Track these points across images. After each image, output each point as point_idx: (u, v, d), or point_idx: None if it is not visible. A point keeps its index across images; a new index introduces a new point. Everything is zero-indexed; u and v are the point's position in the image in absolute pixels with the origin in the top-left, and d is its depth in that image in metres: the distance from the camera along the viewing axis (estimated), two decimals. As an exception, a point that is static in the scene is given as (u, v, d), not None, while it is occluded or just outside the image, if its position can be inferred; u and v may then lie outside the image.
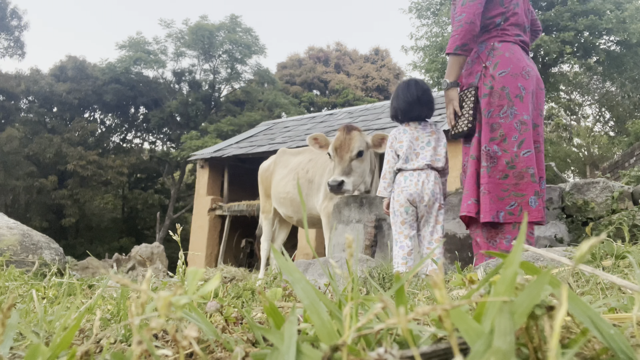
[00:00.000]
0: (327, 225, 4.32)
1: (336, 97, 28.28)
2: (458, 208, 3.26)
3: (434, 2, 16.43)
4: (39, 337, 0.72)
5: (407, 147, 2.74)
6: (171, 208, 21.51)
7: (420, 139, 2.76)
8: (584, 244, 0.43)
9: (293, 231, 7.37)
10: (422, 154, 2.74)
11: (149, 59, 22.53)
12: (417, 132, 2.77)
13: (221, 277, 1.33)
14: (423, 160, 2.72)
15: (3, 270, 1.90)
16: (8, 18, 22.13)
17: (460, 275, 0.99)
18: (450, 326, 0.39)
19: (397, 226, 2.73)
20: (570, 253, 1.52)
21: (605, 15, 13.44)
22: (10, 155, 19.75)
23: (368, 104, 15.81)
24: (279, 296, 0.94)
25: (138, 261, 8.45)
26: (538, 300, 0.40)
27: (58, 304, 1.14)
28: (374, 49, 31.82)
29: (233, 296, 1.16)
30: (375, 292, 1.37)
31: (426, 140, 2.76)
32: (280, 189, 5.10)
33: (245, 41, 23.02)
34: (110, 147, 24.58)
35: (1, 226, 3.04)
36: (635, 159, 7.50)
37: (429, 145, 2.75)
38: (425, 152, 2.74)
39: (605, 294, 0.94)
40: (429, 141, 2.76)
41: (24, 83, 21.99)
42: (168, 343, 0.70)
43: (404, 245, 2.67)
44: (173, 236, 1.41)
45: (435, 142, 2.77)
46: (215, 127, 20.68)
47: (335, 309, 0.52)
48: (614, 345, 0.41)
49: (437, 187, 2.72)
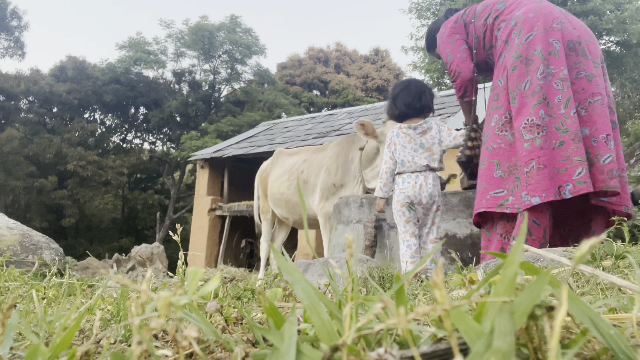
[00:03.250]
0: (324, 225, 4.32)
1: (336, 98, 28.27)
2: (458, 208, 3.26)
3: (434, 3, 16.45)
4: (39, 337, 0.72)
5: (400, 150, 2.77)
6: (171, 208, 21.50)
7: (414, 142, 2.76)
8: (584, 244, 0.43)
9: (293, 231, 7.37)
10: (417, 156, 2.75)
11: (149, 59, 22.53)
12: (409, 136, 2.77)
13: (221, 277, 1.33)
14: (420, 162, 2.74)
15: (3, 271, 1.90)
16: (8, 18, 22.13)
17: (460, 276, 0.99)
18: (450, 326, 0.39)
19: (402, 225, 2.74)
20: (570, 253, 1.51)
21: (605, 16, 13.45)
22: (10, 156, 19.74)
23: (368, 104, 15.82)
24: (279, 296, 0.94)
25: (138, 261, 8.45)
26: (538, 301, 0.40)
27: (58, 304, 1.14)
28: (374, 49, 31.81)
29: (233, 296, 1.16)
30: (375, 292, 1.37)
31: (419, 142, 2.76)
32: (275, 190, 5.10)
33: (245, 41, 23.02)
34: (110, 147, 24.57)
35: (1, 226, 3.04)
36: (635, 159, 7.50)
37: (422, 148, 2.75)
38: (420, 155, 2.74)
39: (605, 294, 0.94)
40: (421, 143, 2.76)
41: (24, 83, 21.99)
42: (168, 343, 0.70)
43: (410, 244, 2.70)
44: (173, 236, 1.41)
45: (429, 141, 2.75)
46: (215, 128, 20.68)
47: (335, 309, 0.52)
48: (614, 346, 0.41)
49: (435, 189, 2.73)
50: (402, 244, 2.73)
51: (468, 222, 3.22)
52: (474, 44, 2.67)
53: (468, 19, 2.71)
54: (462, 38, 2.69)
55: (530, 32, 2.33)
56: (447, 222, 3.25)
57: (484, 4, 2.73)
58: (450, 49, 2.68)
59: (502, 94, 2.39)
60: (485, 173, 2.37)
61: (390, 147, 2.82)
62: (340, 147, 4.49)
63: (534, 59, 2.27)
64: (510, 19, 2.47)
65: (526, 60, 2.29)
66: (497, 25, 2.56)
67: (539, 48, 2.28)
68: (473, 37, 2.67)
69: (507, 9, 2.54)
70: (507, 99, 2.36)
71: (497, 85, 2.44)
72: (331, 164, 4.43)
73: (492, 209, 2.30)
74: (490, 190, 2.32)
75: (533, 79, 2.24)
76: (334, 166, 4.38)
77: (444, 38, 2.74)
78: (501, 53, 2.49)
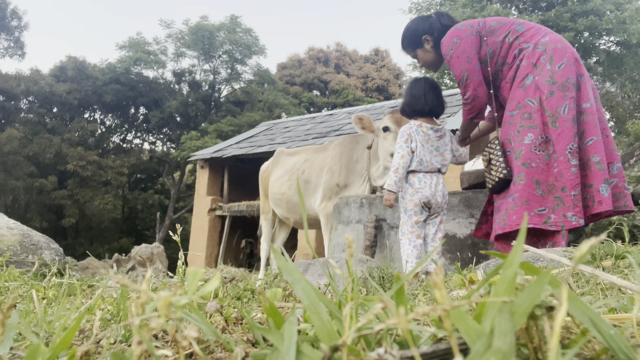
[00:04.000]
0: (325, 225, 4.31)
1: (336, 98, 28.27)
2: (458, 208, 3.26)
3: (434, 3, 16.46)
4: (39, 337, 0.72)
5: (420, 149, 2.75)
6: (171, 208, 21.51)
7: (431, 143, 2.78)
8: (584, 244, 0.43)
9: (293, 231, 7.37)
10: (433, 158, 2.77)
11: (149, 60, 22.54)
12: (428, 136, 2.78)
13: (221, 277, 1.34)
14: (435, 164, 2.78)
15: (3, 271, 1.90)
16: (8, 18, 22.13)
17: (460, 276, 0.99)
18: (450, 326, 0.39)
19: (410, 225, 2.74)
20: (570, 253, 1.51)
21: (605, 16, 13.46)
22: (10, 156, 19.75)
23: (368, 104, 15.83)
24: (279, 296, 0.94)
25: (138, 261, 8.45)
26: (538, 301, 0.40)
27: (58, 304, 1.14)
28: (374, 50, 31.81)
29: (233, 296, 1.16)
30: (375, 292, 1.37)
31: (435, 144, 2.79)
32: (275, 190, 5.09)
33: (245, 41, 23.02)
34: (110, 147, 24.57)
35: (1, 226, 3.04)
36: (635, 159, 7.51)
37: (437, 151, 2.79)
38: (435, 157, 2.78)
39: (605, 294, 0.94)
40: (437, 146, 2.79)
41: (24, 83, 22.00)
42: (168, 343, 0.70)
43: (417, 244, 2.71)
44: (173, 236, 1.41)
45: (443, 146, 2.81)
46: (215, 128, 20.68)
47: (335, 309, 0.52)
48: (614, 346, 0.41)
49: (445, 189, 2.82)
50: (407, 244, 2.72)
51: (468, 222, 3.22)
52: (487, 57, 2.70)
53: (483, 32, 2.71)
54: (476, 54, 2.69)
55: (562, 61, 2.50)
56: (447, 222, 3.25)
57: (499, 20, 2.76)
58: (468, 68, 2.66)
59: (535, 115, 2.50)
60: (526, 189, 2.47)
61: (408, 142, 2.77)
62: (343, 147, 4.49)
63: (568, 86, 2.46)
64: (537, 43, 2.58)
65: (562, 87, 2.46)
66: (517, 46, 2.63)
67: (572, 78, 2.47)
68: (487, 51, 2.69)
69: (528, 32, 2.64)
70: (542, 121, 2.49)
71: (529, 105, 2.53)
72: (334, 164, 4.42)
73: (539, 225, 2.42)
74: (534, 207, 2.44)
75: (571, 105, 2.44)
76: (337, 166, 4.38)
77: (458, 52, 2.69)
78: (527, 74, 2.56)
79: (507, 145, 2.60)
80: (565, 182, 2.39)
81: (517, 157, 2.53)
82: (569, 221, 2.36)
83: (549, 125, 2.46)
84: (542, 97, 2.48)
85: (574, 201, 2.37)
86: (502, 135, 2.65)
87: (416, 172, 2.77)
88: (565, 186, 2.39)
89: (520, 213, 2.46)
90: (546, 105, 2.46)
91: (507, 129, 2.60)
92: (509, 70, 2.66)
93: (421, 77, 2.98)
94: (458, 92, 10.11)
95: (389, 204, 2.78)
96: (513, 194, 2.50)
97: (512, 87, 2.64)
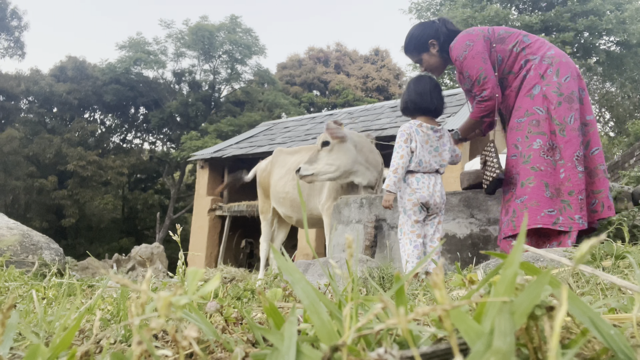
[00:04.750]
0: (329, 225, 4.31)
1: (336, 98, 28.27)
2: (458, 208, 3.26)
3: (434, 3, 16.47)
4: (39, 337, 0.72)
5: (419, 149, 2.74)
6: (171, 208, 21.51)
7: (430, 143, 2.77)
8: (584, 244, 0.43)
9: (293, 231, 7.37)
10: (432, 159, 2.77)
11: (149, 60, 22.54)
12: (428, 136, 2.77)
13: (221, 277, 1.34)
14: (433, 164, 2.77)
15: (3, 271, 1.90)
16: (8, 18, 22.14)
17: (460, 276, 0.99)
18: (450, 326, 0.39)
19: (410, 225, 2.73)
20: (570, 253, 1.51)
21: (605, 16, 13.46)
22: (10, 156, 19.75)
23: (368, 104, 15.81)
24: (279, 296, 0.94)
25: (138, 261, 8.45)
26: (538, 301, 0.40)
27: (58, 304, 1.14)
28: (374, 50, 31.81)
29: (233, 296, 1.16)
30: (375, 292, 1.37)
31: (435, 145, 2.78)
32: (279, 189, 5.08)
33: (245, 42, 23.02)
34: (110, 147, 24.57)
35: (1, 226, 3.04)
36: (635, 159, 7.51)
37: (436, 151, 2.78)
38: (434, 157, 2.78)
39: (605, 294, 0.94)
40: (437, 147, 2.79)
41: (24, 83, 22.00)
42: (168, 343, 0.70)
43: (417, 244, 2.70)
44: (173, 236, 1.41)
45: (442, 147, 2.81)
46: (215, 128, 20.69)
47: (335, 309, 0.52)
48: (614, 346, 0.41)
49: (443, 190, 2.82)
50: (408, 243, 2.71)
51: (468, 222, 3.22)
52: (496, 64, 2.79)
53: (492, 39, 2.81)
54: (488, 57, 2.77)
55: (567, 75, 2.66)
56: (447, 223, 3.25)
57: (507, 30, 2.85)
58: (485, 68, 2.73)
59: (543, 123, 2.64)
60: (535, 192, 2.59)
61: (408, 142, 2.74)
62: None
63: (573, 98, 2.63)
64: (543, 56, 2.71)
65: (568, 98, 2.63)
66: (523, 56, 2.75)
67: (575, 92, 2.64)
68: (496, 57, 2.78)
69: (534, 45, 2.76)
70: (549, 129, 2.63)
71: (537, 113, 2.66)
72: None
73: (548, 225, 2.53)
74: (544, 208, 2.55)
75: (576, 116, 2.62)
76: None
77: (473, 52, 2.74)
78: (535, 84, 2.68)
79: (513, 149, 2.70)
80: (572, 187, 2.55)
81: (525, 161, 2.64)
82: (577, 223, 2.51)
83: (556, 133, 2.61)
84: (550, 107, 2.63)
85: (580, 205, 2.52)
86: (509, 140, 2.76)
87: (414, 173, 2.76)
88: (573, 190, 2.54)
89: (531, 214, 2.56)
90: (554, 115, 2.61)
91: (515, 134, 2.71)
92: (515, 79, 2.77)
93: (423, 74, 2.95)
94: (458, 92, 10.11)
95: (387, 205, 2.74)
96: (522, 197, 2.61)
97: (517, 95, 2.76)
